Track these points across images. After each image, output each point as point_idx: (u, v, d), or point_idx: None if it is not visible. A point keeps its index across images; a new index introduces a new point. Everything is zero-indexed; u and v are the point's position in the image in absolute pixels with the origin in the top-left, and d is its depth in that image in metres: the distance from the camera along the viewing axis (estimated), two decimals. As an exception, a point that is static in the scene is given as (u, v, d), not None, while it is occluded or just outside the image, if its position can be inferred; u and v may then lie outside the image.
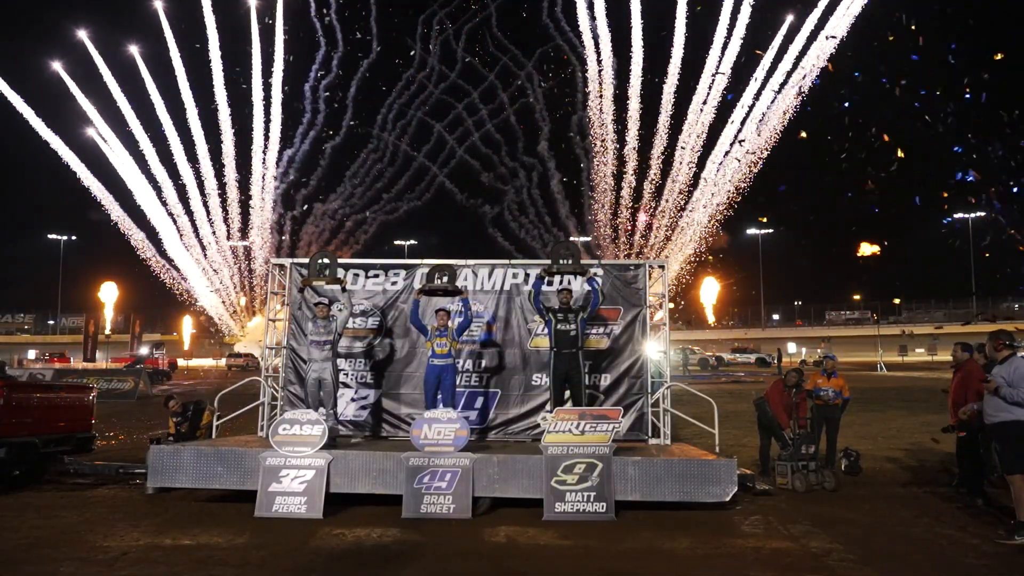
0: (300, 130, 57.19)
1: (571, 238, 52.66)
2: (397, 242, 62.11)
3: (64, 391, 10.34)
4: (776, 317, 72.60)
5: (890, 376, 34.65)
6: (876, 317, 59.98)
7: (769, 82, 47.58)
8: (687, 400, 11.14)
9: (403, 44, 60.50)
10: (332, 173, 59.43)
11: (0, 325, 75.75)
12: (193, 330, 61.40)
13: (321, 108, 57.72)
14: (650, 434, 9.75)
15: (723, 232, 51.99)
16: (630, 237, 52.65)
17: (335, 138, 58.64)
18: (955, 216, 57.85)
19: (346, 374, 10.03)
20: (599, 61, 51.29)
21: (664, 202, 51.38)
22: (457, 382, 9.33)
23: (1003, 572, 5.73)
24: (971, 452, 8.02)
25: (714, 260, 54.19)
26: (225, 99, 53.95)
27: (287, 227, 58.02)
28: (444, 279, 9.21)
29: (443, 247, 66.72)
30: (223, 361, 50.33)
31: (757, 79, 47.47)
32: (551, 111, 56.63)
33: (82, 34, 52.33)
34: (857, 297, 71.08)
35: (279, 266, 10.69)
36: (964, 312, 61.72)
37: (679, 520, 7.17)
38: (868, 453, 10.71)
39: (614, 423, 7.60)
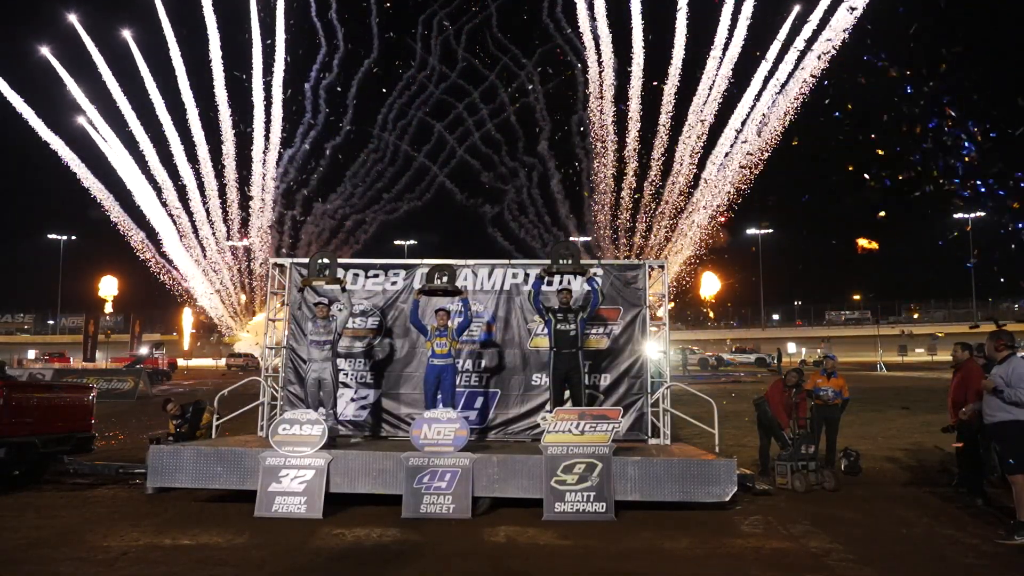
0: (300, 130, 57.22)
1: (571, 238, 52.72)
2: (397, 242, 62.14)
3: (64, 391, 10.35)
4: (776, 317, 72.58)
5: (890, 376, 34.67)
6: (877, 316, 59.96)
7: (770, 82, 47.58)
8: (687, 400, 11.14)
9: (404, 44, 60.53)
10: (332, 173, 59.50)
11: (0, 325, 75.72)
12: (193, 330, 61.37)
13: (322, 108, 57.73)
14: (650, 434, 9.75)
15: (723, 230, 51.92)
16: (630, 237, 52.67)
17: (335, 138, 58.67)
18: (956, 216, 57.80)
19: (346, 374, 10.03)
20: (599, 62, 51.29)
21: (664, 203, 51.40)
22: (457, 382, 9.34)
23: (1003, 572, 5.74)
24: (971, 452, 8.03)
25: (714, 259, 54.11)
26: (225, 99, 53.92)
27: (287, 227, 58.08)
28: (444, 279, 9.22)
29: (443, 247, 66.80)
30: (223, 361, 50.28)
31: (759, 77, 47.45)
32: (551, 111, 56.67)
33: (84, 36, 52.25)
34: (857, 297, 71.09)
35: (279, 266, 10.70)
36: (964, 312, 61.73)
37: (679, 520, 7.17)
38: (868, 453, 10.71)
39: (614, 423, 7.60)
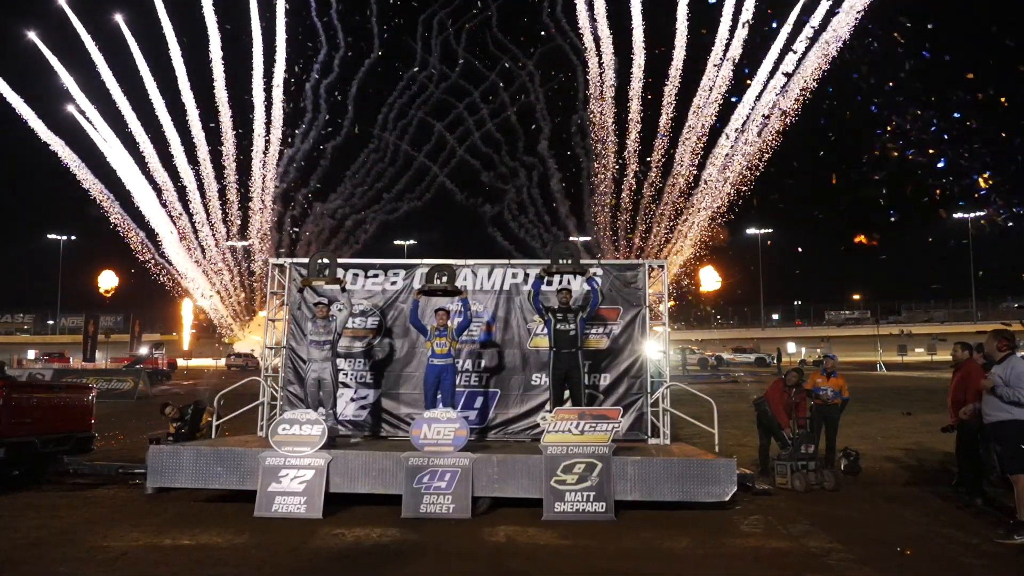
0: (300, 130, 57.18)
1: (571, 238, 52.70)
2: (397, 242, 62.13)
3: (63, 391, 10.34)
4: (776, 317, 72.58)
5: (889, 376, 34.68)
6: (877, 316, 59.96)
7: (770, 82, 47.56)
8: (686, 400, 11.14)
9: (404, 44, 60.44)
10: (332, 173, 59.43)
11: (0, 325, 75.69)
12: (193, 330, 61.39)
13: (322, 108, 57.69)
14: (649, 434, 9.75)
15: (722, 228, 51.87)
16: (629, 237, 52.65)
17: (336, 138, 58.60)
18: (955, 216, 57.79)
19: (345, 374, 10.03)
20: (600, 62, 51.27)
21: (664, 204, 51.39)
22: (457, 382, 9.34)
23: (1002, 571, 5.74)
24: (970, 452, 8.03)
25: (714, 257, 54.08)
26: (226, 99, 53.91)
27: (287, 227, 58.04)
28: (443, 279, 9.21)
29: (443, 247, 66.75)
30: (222, 361, 50.35)
31: (759, 77, 47.43)
32: (551, 111, 56.59)
33: (84, 36, 52.20)
34: (857, 297, 71.10)
35: (278, 266, 10.70)
36: (964, 312, 61.75)
37: (678, 520, 7.17)
38: (867, 453, 10.71)
39: (613, 423, 7.60)
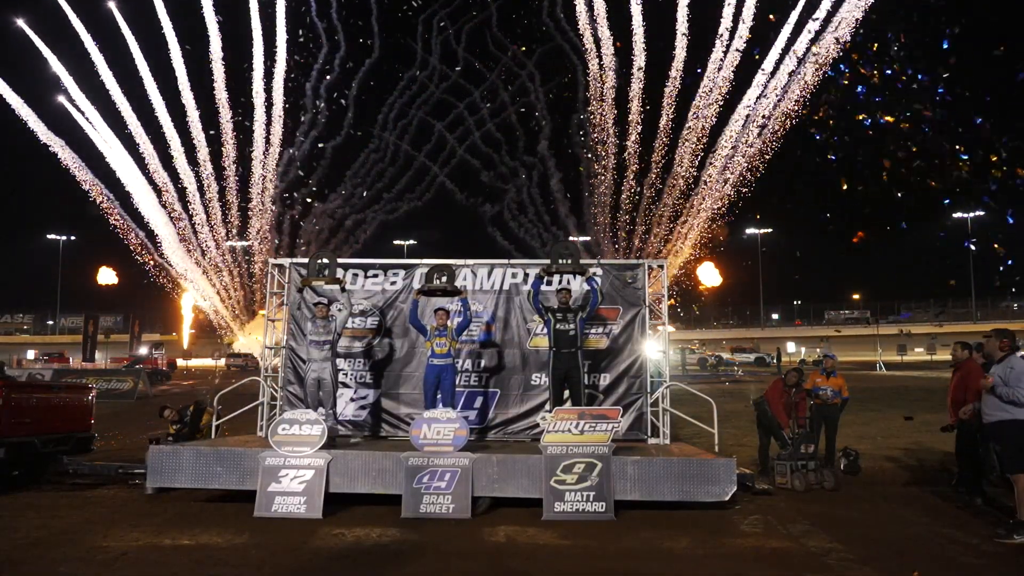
0: (301, 129, 57.12)
1: (570, 238, 52.66)
2: (397, 242, 62.10)
3: (63, 391, 10.33)
4: (775, 317, 72.58)
5: (889, 376, 34.68)
6: (876, 316, 59.94)
7: (771, 81, 47.52)
8: (686, 400, 11.14)
9: (404, 44, 60.37)
10: (332, 173, 59.38)
11: (0, 325, 75.68)
12: (192, 330, 61.38)
13: (322, 108, 57.65)
14: (649, 434, 9.75)
15: (723, 226, 51.83)
16: (629, 237, 52.64)
17: (336, 138, 58.55)
18: (955, 215, 57.83)
19: (345, 374, 10.03)
20: (600, 64, 51.23)
21: (663, 204, 51.39)
22: (456, 382, 9.33)
23: (1002, 571, 5.74)
24: (970, 452, 8.03)
25: (714, 256, 54.07)
26: (226, 99, 53.83)
27: (287, 227, 57.99)
28: (443, 279, 9.21)
29: (443, 246, 66.70)
30: (222, 361, 50.38)
31: (760, 77, 47.39)
32: (552, 111, 56.57)
33: (84, 37, 52.12)
34: (856, 297, 71.11)
35: (278, 266, 10.69)
36: (964, 312, 61.76)
37: (678, 520, 7.17)
38: (867, 452, 10.71)
39: (613, 423, 7.60)
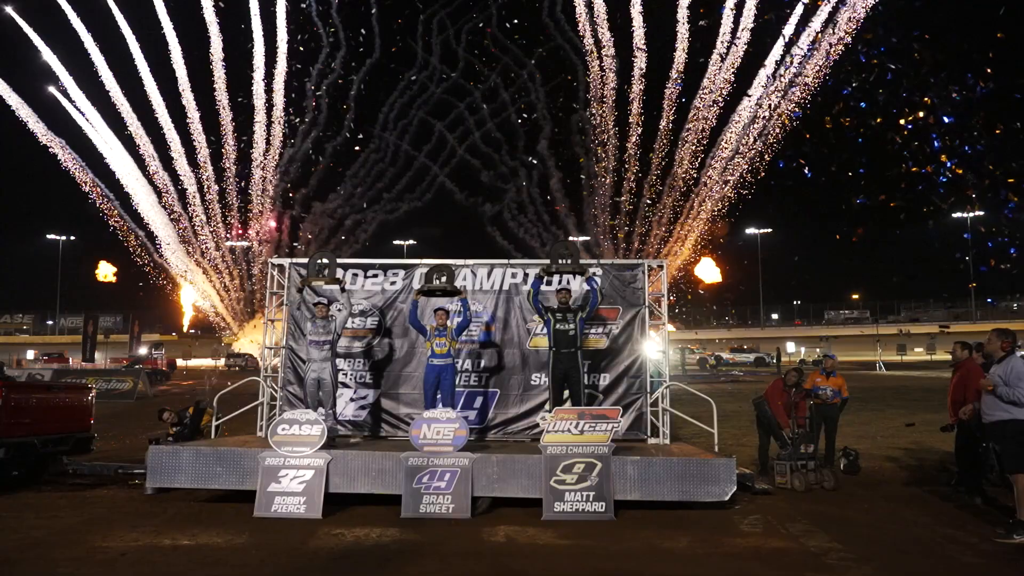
0: (301, 129, 57.13)
1: (570, 237, 52.67)
2: (397, 242, 62.14)
3: (63, 391, 10.33)
4: (775, 316, 72.58)
5: (889, 375, 34.69)
6: (876, 316, 59.97)
7: (772, 81, 47.51)
8: (686, 400, 11.14)
9: (405, 44, 60.35)
10: (332, 173, 59.39)
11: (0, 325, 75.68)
12: (192, 330, 61.40)
13: (322, 107, 57.63)
14: (649, 433, 9.75)
15: (723, 223, 51.82)
16: (629, 237, 52.65)
17: (336, 138, 58.56)
18: (954, 215, 57.78)
19: (345, 374, 10.02)
20: (601, 65, 51.24)
21: (663, 204, 51.41)
22: (456, 382, 9.33)
23: (1002, 571, 5.74)
24: (970, 451, 8.03)
25: (713, 254, 54.09)
26: (226, 99, 53.89)
27: (286, 227, 57.99)
28: (443, 279, 9.21)
29: (442, 246, 66.67)
30: (222, 361, 50.37)
31: (760, 77, 47.41)
32: (552, 111, 56.57)
33: (84, 36, 52.12)
34: (856, 296, 71.13)
35: (278, 266, 10.69)
36: (964, 312, 61.76)
37: (678, 519, 7.17)
38: (867, 452, 10.71)
39: (613, 423, 7.60)
